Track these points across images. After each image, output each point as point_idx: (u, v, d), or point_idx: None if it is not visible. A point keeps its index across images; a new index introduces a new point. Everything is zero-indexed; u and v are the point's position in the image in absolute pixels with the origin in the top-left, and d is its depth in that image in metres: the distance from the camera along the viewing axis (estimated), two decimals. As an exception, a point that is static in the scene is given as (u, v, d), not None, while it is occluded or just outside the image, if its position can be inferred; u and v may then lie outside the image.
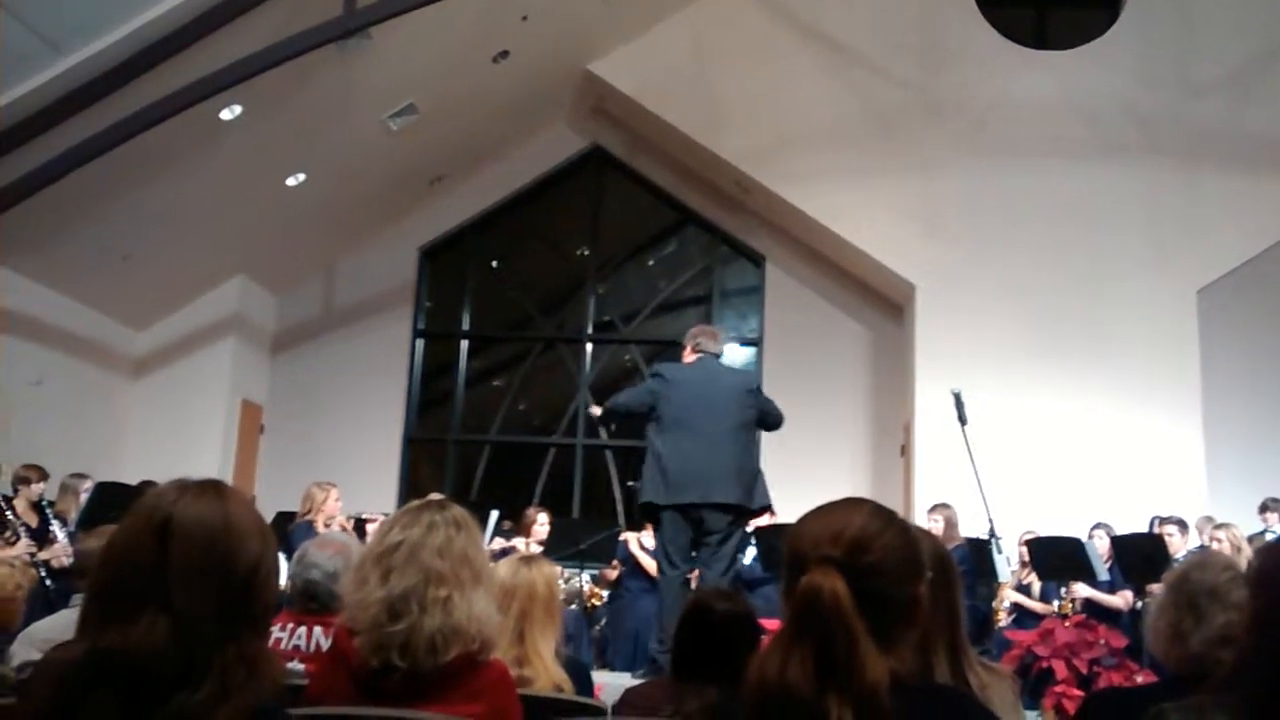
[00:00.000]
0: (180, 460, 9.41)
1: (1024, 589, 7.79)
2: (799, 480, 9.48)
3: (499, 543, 7.57)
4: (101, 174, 7.61)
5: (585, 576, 7.99)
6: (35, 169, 7.26)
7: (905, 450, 10.12)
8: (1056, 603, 7.29)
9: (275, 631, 2.97)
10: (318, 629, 2.97)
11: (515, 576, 2.89)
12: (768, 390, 6.37)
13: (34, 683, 1.45)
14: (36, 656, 2.81)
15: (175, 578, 1.43)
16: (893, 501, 9.65)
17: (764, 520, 7.58)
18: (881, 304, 10.97)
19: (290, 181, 9.76)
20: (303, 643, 2.95)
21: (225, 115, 8.29)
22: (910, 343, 10.09)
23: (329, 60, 8.04)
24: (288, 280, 11.52)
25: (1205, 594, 2.18)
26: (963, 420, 8.31)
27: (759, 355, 11.24)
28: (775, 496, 8.25)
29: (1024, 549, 7.76)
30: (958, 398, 8.40)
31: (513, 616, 2.79)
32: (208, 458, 10.15)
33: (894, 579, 1.46)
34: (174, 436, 10.12)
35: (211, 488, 1.54)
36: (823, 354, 10.95)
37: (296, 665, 2.85)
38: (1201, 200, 9.76)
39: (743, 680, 2.46)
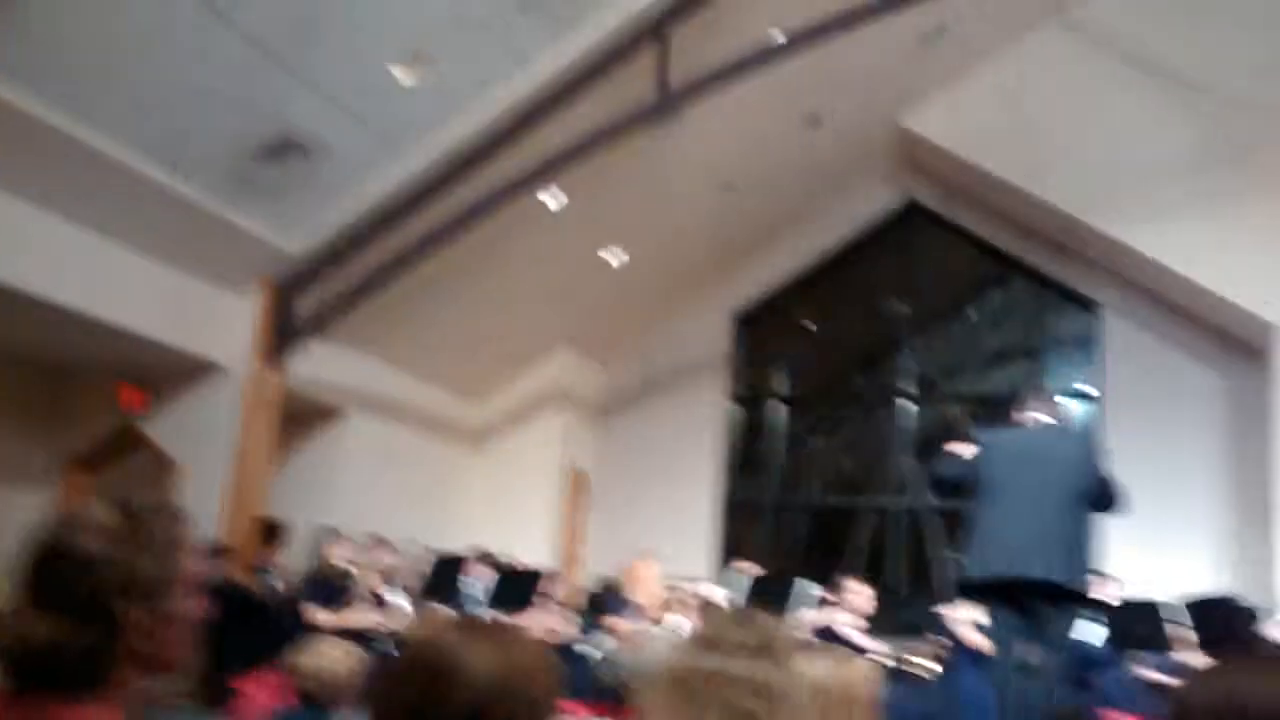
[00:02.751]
0: (512, 528, 9.97)
1: None
2: (1148, 547, 8.70)
3: (814, 616, 7.37)
4: (441, 261, 8.24)
5: (907, 650, 7.64)
6: (383, 264, 7.96)
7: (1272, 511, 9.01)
8: None
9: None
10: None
11: (828, 679, 2.75)
12: (1111, 447, 5.81)
13: None
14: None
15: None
16: (1259, 575, 8.64)
17: (1113, 594, 7.00)
18: (1237, 348, 9.89)
19: (612, 260, 10.16)
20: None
21: (549, 202, 8.74)
22: (1273, 390, 9.01)
23: (643, 141, 8.32)
24: (609, 350, 11.95)
25: None
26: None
27: (1096, 411, 10.43)
28: (1122, 564, 7.57)
29: None
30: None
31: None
32: (539, 526, 10.66)
33: None
34: (508, 505, 10.70)
35: (465, 624, 1.46)
36: (1171, 407, 9.98)
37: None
38: None
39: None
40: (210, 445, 7.97)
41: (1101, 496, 5.41)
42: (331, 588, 6.81)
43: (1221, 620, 6.37)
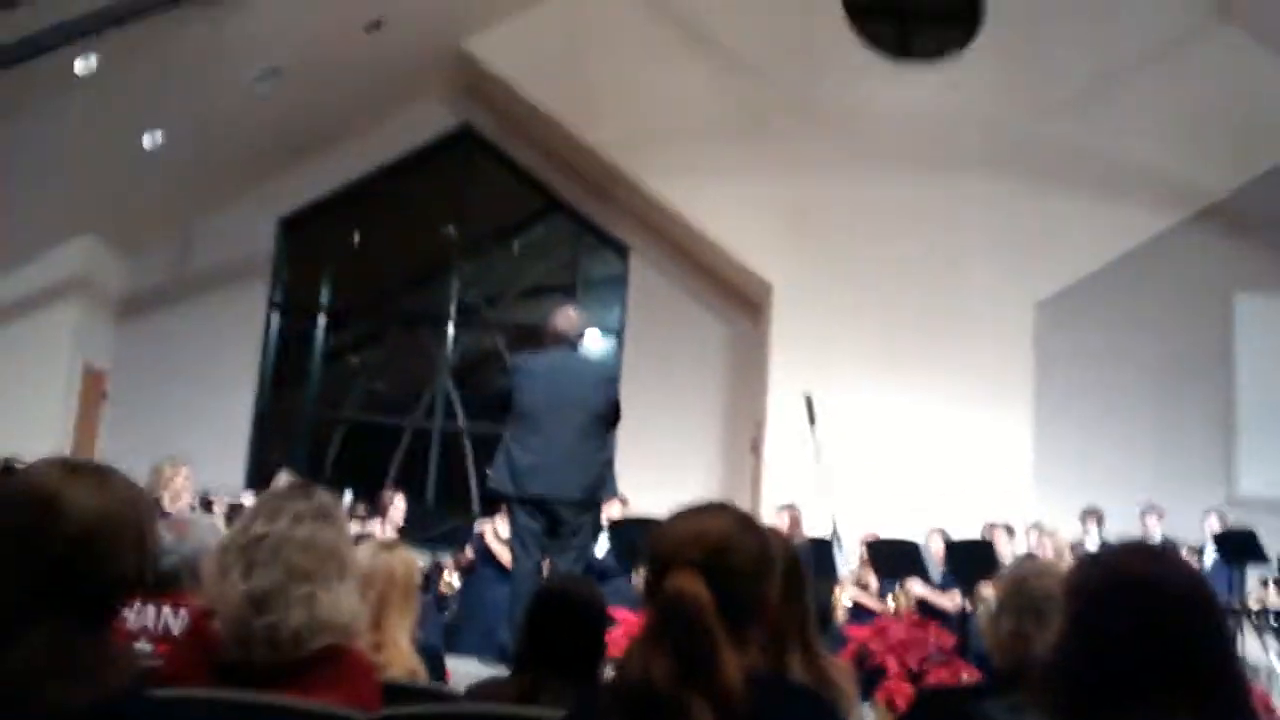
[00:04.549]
0: (16, 428, 8.98)
1: (863, 586, 8.12)
2: (652, 471, 9.65)
3: (354, 526, 7.47)
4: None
5: (438, 561, 7.96)
6: None
7: (756, 447, 10.36)
8: (890, 600, 7.64)
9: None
10: (166, 609, 2.91)
11: (374, 561, 2.89)
12: (627, 381, 6.42)
13: None
14: None
15: None
16: (741, 497, 9.91)
17: (617, 513, 7.70)
18: (741, 302, 11.18)
19: (146, 141, 9.35)
20: (150, 623, 2.89)
21: (80, 66, 7.89)
22: (766, 342, 10.31)
23: (195, 16, 7.76)
24: (139, 242, 11.03)
25: (1047, 600, 2.31)
26: (812, 421, 8.61)
27: (619, 346, 11.32)
28: (628, 485, 8.38)
29: (864, 549, 8.07)
30: (808, 400, 8.68)
31: (371, 602, 2.78)
32: (45, 425, 9.66)
33: (750, 581, 1.54)
34: (9, 402, 9.59)
35: (64, 462, 1.45)
36: (682, 348, 11.09)
37: (144, 646, 2.79)
38: (1048, 216, 10.14)
39: (594, 670, 2.52)
40: None
41: (612, 417, 6.00)
42: None
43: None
